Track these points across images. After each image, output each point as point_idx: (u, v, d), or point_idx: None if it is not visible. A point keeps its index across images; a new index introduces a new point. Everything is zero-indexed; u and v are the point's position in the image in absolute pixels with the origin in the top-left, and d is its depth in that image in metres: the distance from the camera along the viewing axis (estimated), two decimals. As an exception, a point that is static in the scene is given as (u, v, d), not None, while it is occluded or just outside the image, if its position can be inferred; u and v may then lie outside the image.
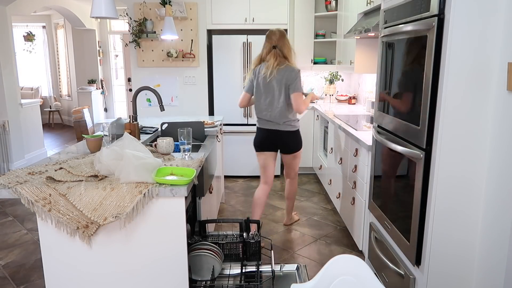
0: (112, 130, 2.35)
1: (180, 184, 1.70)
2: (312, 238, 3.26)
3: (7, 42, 5.00)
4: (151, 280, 1.76)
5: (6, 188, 1.66)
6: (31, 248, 3.12)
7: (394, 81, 2.20)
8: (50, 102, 9.04)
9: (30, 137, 5.57)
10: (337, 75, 5.12)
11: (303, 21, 4.93)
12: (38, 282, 2.63)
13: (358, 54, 3.91)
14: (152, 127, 3.14)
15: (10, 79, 5.06)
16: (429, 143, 1.80)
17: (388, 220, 2.25)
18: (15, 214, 3.80)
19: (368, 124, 3.35)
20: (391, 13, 2.22)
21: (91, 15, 2.17)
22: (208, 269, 1.98)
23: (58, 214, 1.61)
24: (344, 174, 3.30)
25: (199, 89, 4.91)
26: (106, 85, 8.68)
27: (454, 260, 1.84)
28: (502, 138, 1.63)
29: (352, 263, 1.45)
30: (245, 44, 4.66)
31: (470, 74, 1.67)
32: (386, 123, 2.30)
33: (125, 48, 7.70)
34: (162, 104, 2.61)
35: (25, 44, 8.65)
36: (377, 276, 2.32)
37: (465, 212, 1.80)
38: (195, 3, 4.65)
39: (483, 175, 1.76)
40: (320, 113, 4.43)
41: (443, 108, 1.71)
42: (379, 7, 3.19)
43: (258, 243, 2.18)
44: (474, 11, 1.62)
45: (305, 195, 4.28)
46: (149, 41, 4.72)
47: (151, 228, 1.71)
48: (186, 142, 2.14)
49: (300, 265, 2.11)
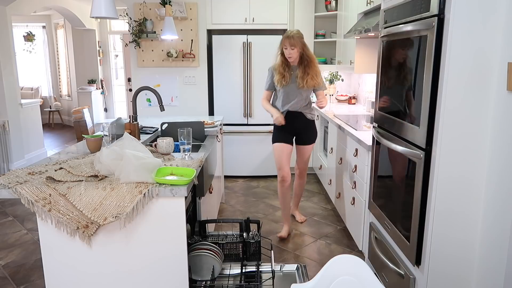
0: (112, 130, 2.35)
1: (180, 184, 1.69)
2: (312, 238, 3.26)
3: (7, 42, 4.99)
4: (151, 280, 1.76)
5: (6, 188, 1.66)
6: (31, 248, 3.12)
7: (394, 81, 2.20)
8: (50, 102, 9.04)
9: (30, 137, 5.57)
10: (337, 75, 5.11)
11: (303, 21, 4.93)
12: (38, 282, 2.63)
13: (358, 54, 3.90)
14: (152, 127, 3.14)
15: (10, 79, 5.05)
16: (429, 143, 1.80)
17: (388, 220, 2.25)
18: (15, 214, 3.80)
19: (368, 124, 3.35)
20: (391, 13, 2.22)
21: (91, 15, 2.17)
22: (208, 269, 1.98)
23: (58, 214, 1.61)
24: (344, 174, 3.30)
25: (199, 89, 4.91)
26: (106, 85, 8.68)
27: (454, 260, 1.84)
28: (502, 138, 1.63)
29: (352, 263, 1.45)
30: (245, 44, 4.66)
31: (470, 74, 1.67)
32: (386, 123, 2.30)
33: (125, 48, 7.70)
34: (162, 104, 2.61)
35: (25, 44, 8.64)
36: (377, 276, 2.32)
37: (465, 212, 1.80)
38: (195, 3, 4.65)
39: (483, 175, 1.76)
40: (320, 113, 4.43)
41: (443, 108, 1.71)
42: (379, 7, 3.19)
43: (258, 243, 2.18)
44: (474, 11, 1.62)
45: (305, 195, 4.28)
46: (149, 41, 4.71)
47: (151, 228, 1.71)
48: (186, 142, 2.14)
49: (300, 265, 2.11)
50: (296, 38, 2.98)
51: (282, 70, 3.07)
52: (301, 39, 3.03)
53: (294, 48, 2.99)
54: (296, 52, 3.01)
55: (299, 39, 3.01)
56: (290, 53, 3.00)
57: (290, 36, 3.00)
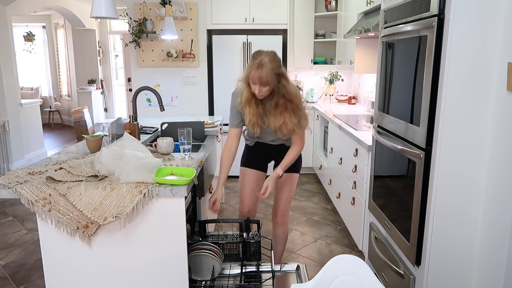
0: (112, 130, 2.35)
1: (180, 184, 1.69)
2: (312, 238, 3.26)
3: (7, 42, 4.99)
4: (151, 280, 1.76)
5: (6, 188, 1.66)
6: (31, 248, 3.12)
7: (394, 81, 2.20)
8: (50, 102, 9.04)
9: (30, 137, 5.57)
10: (337, 75, 5.12)
11: (303, 21, 4.93)
12: (38, 282, 2.63)
13: (358, 54, 3.90)
14: (152, 127, 3.14)
15: (10, 79, 5.05)
16: (429, 143, 1.80)
17: (388, 220, 2.25)
18: (15, 214, 3.79)
19: (368, 124, 3.35)
20: (391, 13, 2.22)
21: (91, 15, 2.17)
22: (208, 269, 1.98)
23: (58, 214, 1.61)
24: (344, 174, 3.30)
25: (199, 89, 4.90)
26: (106, 85, 8.68)
27: (454, 259, 1.84)
28: (502, 138, 1.63)
29: (352, 263, 1.45)
30: (245, 44, 4.66)
31: (470, 74, 1.67)
32: (386, 123, 2.30)
33: (125, 48, 7.69)
34: (162, 104, 2.61)
35: (25, 44, 8.64)
36: (377, 276, 2.32)
37: (465, 212, 1.80)
38: (195, 3, 4.65)
39: (483, 175, 1.75)
40: (320, 113, 4.43)
41: (443, 108, 1.71)
42: (379, 7, 3.19)
43: (258, 243, 2.18)
44: (474, 11, 1.62)
45: (305, 195, 4.28)
46: (149, 41, 4.71)
47: (151, 228, 1.71)
48: (186, 142, 2.14)
49: (300, 265, 2.11)
50: (269, 71, 1.94)
51: (255, 107, 2.10)
52: (276, 71, 1.99)
53: (265, 87, 2.01)
54: (268, 90, 2.04)
55: (273, 72, 1.97)
56: (260, 91, 2.03)
57: (261, 65, 1.94)
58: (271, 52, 2.03)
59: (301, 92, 5.15)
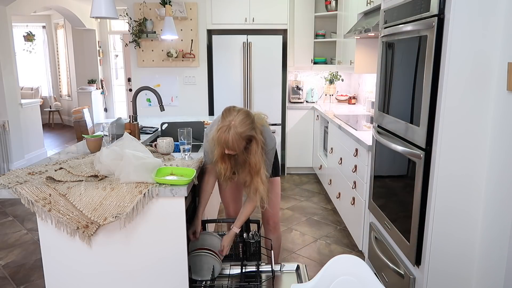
0: (112, 130, 2.35)
1: (180, 184, 1.69)
2: (312, 238, 3.26)
3: (7, 42, 4.99)
4: (151, 280, 1.76)
5: (6, 188, 1.66)
6: (31, 248, 3.12)
7: (394, 81, 2.20)
8: (50, 102, 9.04)
9: (30, 137, 5.57)
10: (337, 75, 5.12)
11: (303, 21, 4.93)
12: (38, 282, 2.63)
13: (358, 54, 3.91)
14: (152, 127, 3.14)
15: (10, 79, 5.05)
16: (429, 143, 1.80)
17: (388, 220, 2.25)
18: (15, 214, 3.79)
19: (368, 124, 3.35)
20: (391, 13, 2.22)
21: (91, 15, 2.17)
22: (208, 269, 1.98)
23: (58, 214, 1.61)
24: (344, 174, 3.30)
25: (199, 89, 4.91)
26: (106, 85, 8.68)
27: (454, 259, 1.84)
28: (502, 138, 1.63)
29: (352, 263, 1.45)
30: (245, 44, 4.66)
31: (470, 74, 1.67)
32: (386, 123, 2.30)
33: (125, 48, 7.70)
34: (162, 104, 2.61)
35: (25, 44, 8.64)
36: (377, 276, 2.32)
37: (465, 212, 1.80)
38: (195, 3, 4.65)
39: (483, 175, 1.76)
40: (320, 113, 4.43)
41: (443, 108, 1.71)
42: (379, 7, 3.19)
43: (258, 243, 2.18)
44: (474, 11, 1.62)
45: (305, 195, 4.28)
46: (149, 41, 4.71)
47: (151, 228, 1.71)
48: (186, 142, 2.14)
49: (300, 265, 2.11)
50: (236, 136, 1.80)
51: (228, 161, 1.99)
52: (247, 133, 1.83)
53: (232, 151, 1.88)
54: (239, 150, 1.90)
55: (241, 136, 1.81)
56: (228, 152, 1.89)
57: (229, 128, 1.79)
58: (242, 112, 1.86)
59: (301, 92, 5.16)
